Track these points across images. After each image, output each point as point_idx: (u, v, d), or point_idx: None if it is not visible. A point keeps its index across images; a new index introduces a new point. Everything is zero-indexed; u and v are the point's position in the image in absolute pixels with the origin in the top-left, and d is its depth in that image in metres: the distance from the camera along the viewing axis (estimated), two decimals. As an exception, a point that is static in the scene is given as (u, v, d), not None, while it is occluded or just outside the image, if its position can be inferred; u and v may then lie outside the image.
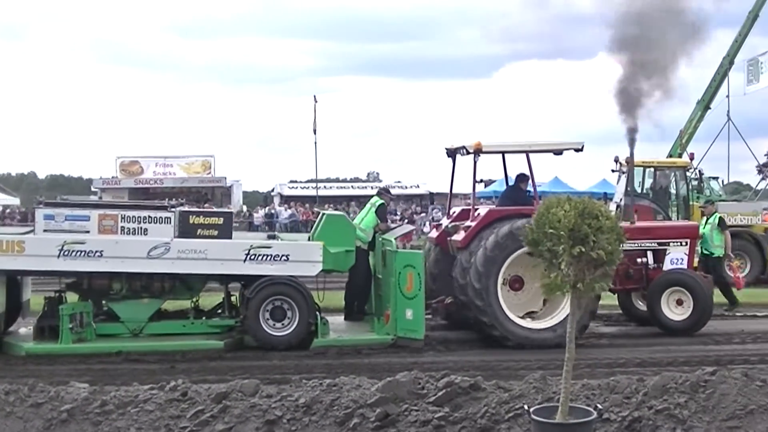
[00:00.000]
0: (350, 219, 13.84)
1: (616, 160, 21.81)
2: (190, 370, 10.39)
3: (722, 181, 32.36)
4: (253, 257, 11.86)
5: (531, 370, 9.36)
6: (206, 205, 35.31)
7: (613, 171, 22.52)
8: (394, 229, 14.69)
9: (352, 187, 60.78)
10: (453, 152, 13.61)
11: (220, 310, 12.61)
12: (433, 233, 14.29)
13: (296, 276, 12.04)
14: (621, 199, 20.74)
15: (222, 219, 12.36)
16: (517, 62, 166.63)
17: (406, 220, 36.55)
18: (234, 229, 12.80)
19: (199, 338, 12.00)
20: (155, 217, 11.84)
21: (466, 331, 13.05)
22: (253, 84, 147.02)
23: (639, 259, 13.57)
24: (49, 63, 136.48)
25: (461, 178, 14.26)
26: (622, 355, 11.56)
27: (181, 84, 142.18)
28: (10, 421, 6.89)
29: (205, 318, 12.42)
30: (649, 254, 13.64)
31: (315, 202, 44.89)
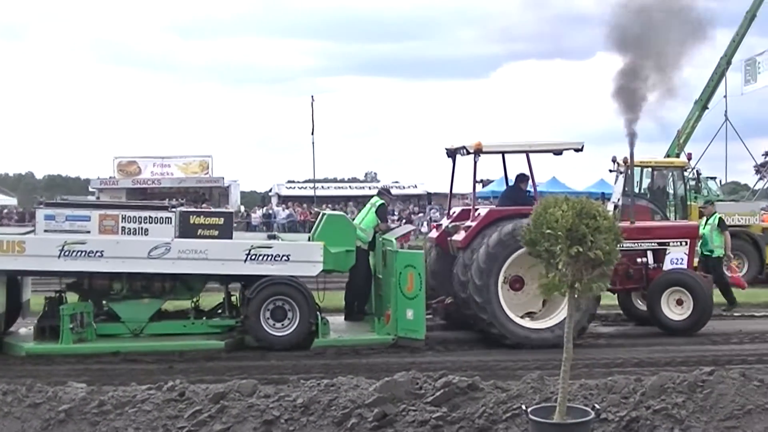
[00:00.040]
0: (350, 219, 13.83)
1: (614, 160, 21.83)
2: (188, 371, 10.38)
3: (720, 181, 32.40)
4: (253, 257, 11.85)
5: (529, 370, 9.36)
6: (204, 206, 35.28)
7: (611, 171, 22.55)
8: (395, 229, 14.70)
9: (350, 187, 60.87)
10: (453, 152, 13.60)
11: (220, 310, 12.60)
12: (434, 233, 14.29)
13: (297, 276, 12.03)
14: (619, 199, 20.78)
15: (222, 219, 12.35)
16: (515, 62, 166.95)
17: (404, 221, 36.51)
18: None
19: (200, 338, 11.99)
20: (156, 218, 11.84)
21: (463, 332, 13.05)
22: (251, 84, 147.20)
23: (639, 259, 13.59)
24: (47, 63, 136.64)
25: (459, 178, 14.32)
26: (620, 355, 11.57)
27: (179, 84, 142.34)
28: (8, 422, 6.88)
29: (205, 318, 12.41)
30: (649, 254, 13.67)
31: (313, 203, 44.80)
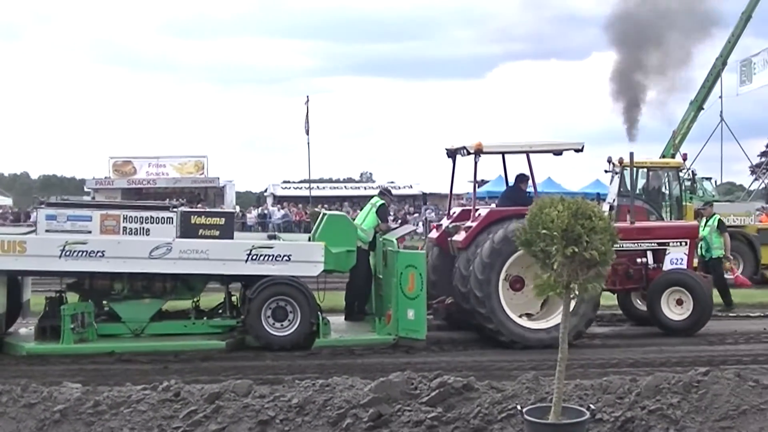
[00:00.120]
0: (351, 219, 13.82)
1: (610, 161, 21.89)
2: (183, 371, 10.36)
3: (715, 182, 32.47)
4: (254, 257, 11.83)
5: (524, 371, 9.36)
6: (199, 206, 35.23)
7: (606, 171, 22.62)
8: (395, 229, 14.71)
9: (345, 187, 60.99)
10: (453, 153, 13.59)
11: (221, 311, 12.59)
12: (434, 234, 14.28)
13: (298, 276, 12.02)
14: (614, 200, 20.84)
15: (223, 219, 12.35)
16: (510, 62, 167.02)
17: (400, 221, 36.49)
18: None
19: (201, 338, 11.96)
20: (157, 218, 11.82)
21: (459, 332, 13.07)
22: (247, 84, 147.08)
23: (639, 259, 13.61)
24: (43, 63, 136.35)
25: (455, 179, 14.32)
26: (615, 356, 11.57)
27: (175, 84, 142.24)
28: (3, 422, 6.87)
29: (206, 318, 12.39)
30: (649, 254, 13.69)
31: (308, 203, 44.86)
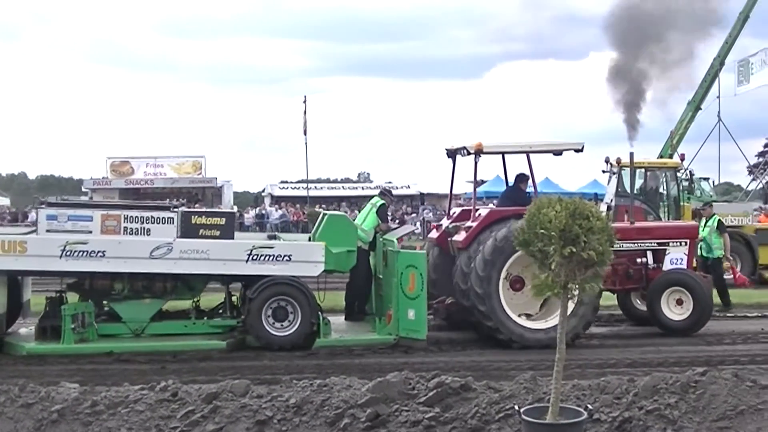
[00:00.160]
0: (351, 219, 13.82)
1: (607, 161, 21.88)
2: (181, 371, 10.35)
3: (713, 182, 32.53)
4: (255, 257, 11.83)
5: (521, 371, 9.36)
6: (196, 206, 35.20)
7: (604, 172, 22.59)
8: (396, 229, 14.70)
9: (343, 187, 60.98)
10: (453, 153, 13.59)
11: (221, 311, 12.58)
12: (434, 234, 14.28)
13: (298, 276, 12.02)
14: (612, 200, 20.82)
15: (224, 219, 12.35)
16: (508, 62, 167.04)
17: (398, 221, 36.49)
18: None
19: (201, 338, 11.96)
20: (158, 218, 11.82)
21: (456, 332, 13.07)
22: (244, 84, 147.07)
23: (639, 259, 13.61)
24: (41, 63, 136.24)
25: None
26: (613, 356, 11.57)
27: (172, 84, 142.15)
28: (1, 422, 6.86)
29: (206, 318, 12.39)
30: (649, 254, 13.70)
31: (306, 203, 44.89)
